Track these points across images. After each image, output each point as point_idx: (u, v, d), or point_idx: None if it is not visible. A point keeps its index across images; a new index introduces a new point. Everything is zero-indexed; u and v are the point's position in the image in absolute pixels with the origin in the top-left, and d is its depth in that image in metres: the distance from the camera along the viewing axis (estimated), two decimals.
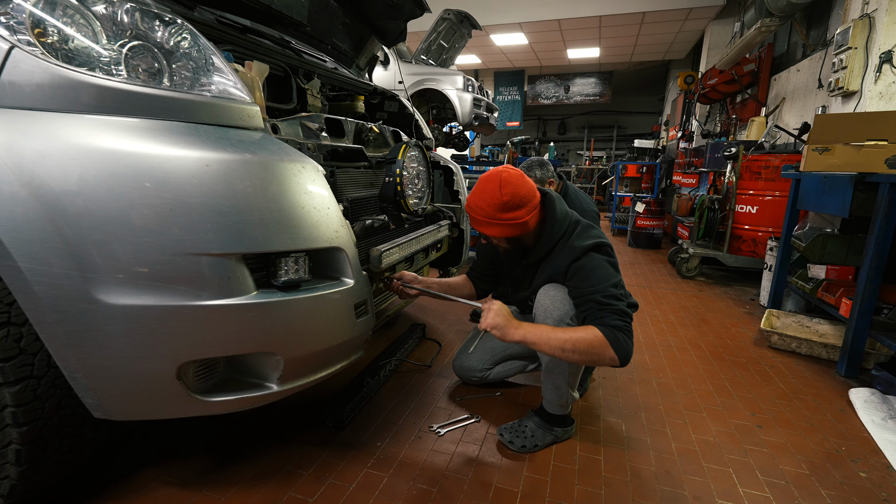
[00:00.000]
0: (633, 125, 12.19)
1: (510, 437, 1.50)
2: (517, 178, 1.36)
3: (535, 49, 8.73)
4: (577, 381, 1.50)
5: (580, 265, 1.36)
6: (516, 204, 1.34)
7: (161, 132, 0.95)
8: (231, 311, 0.97)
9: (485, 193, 1.35)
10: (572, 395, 1.50)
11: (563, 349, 1.24)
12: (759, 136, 4.20)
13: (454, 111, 5.14)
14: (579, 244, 1.37)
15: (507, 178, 1.34)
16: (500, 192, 1.33)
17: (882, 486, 1.38)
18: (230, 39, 1.37)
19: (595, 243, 1.37)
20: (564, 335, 1.25)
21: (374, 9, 2.29)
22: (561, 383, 1.46)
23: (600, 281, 1.32)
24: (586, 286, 1.33)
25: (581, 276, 1.35)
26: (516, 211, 1.34)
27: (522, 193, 1.35)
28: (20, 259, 0.86)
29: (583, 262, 1.36)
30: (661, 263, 4.51)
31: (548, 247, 1.44)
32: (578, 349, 1.23)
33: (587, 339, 1.23)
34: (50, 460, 1.06)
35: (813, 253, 2.46)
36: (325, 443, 1.50)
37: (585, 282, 1.33)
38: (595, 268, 1.34)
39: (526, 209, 1.36)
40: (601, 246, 1.38)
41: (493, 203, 1.34)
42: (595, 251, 1.37)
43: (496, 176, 1.36)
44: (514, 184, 1.34)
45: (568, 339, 1.23)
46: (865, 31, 2.97)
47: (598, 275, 1.33)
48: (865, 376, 2.08)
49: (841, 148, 2.22)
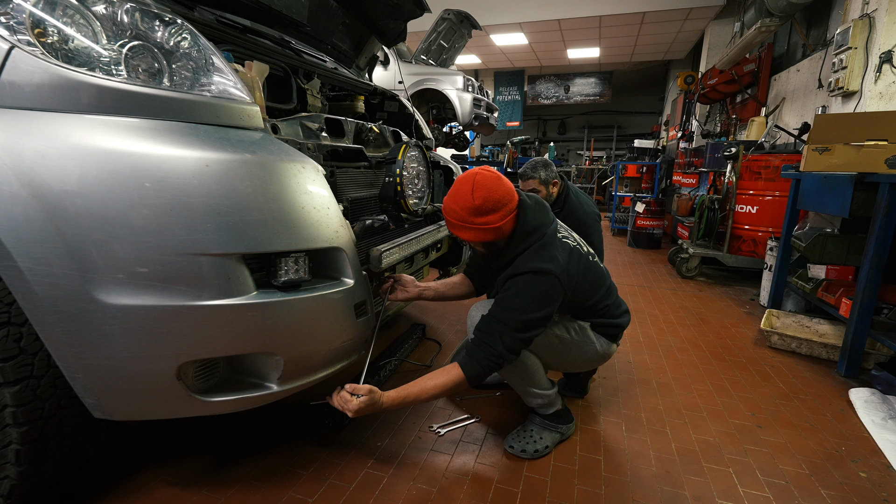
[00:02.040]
0: (633, 125, 12.18)
1: (521, 446, 1.47)
2: (492, 181, 1.30)
3: (535, 49, 8.73)
4: (542, 380, 1.48)
5: (511, 283, 1.31)
6: (489, 208, 1.28)
7: (161, 132, 0.95)
8: (231, 311, 0.97)
9: (458, 196, 1.30)
10: (545, 394, 1.49)
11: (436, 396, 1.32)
12: (759, 136, 4.20)
13: (454, 111, 5.14)
14: (524, 263, 1.30)
15: (480, 182, 1.29)
16: (472, 195, 1.28)
17: (882, 486, 1.38)
18: (230, 39, 1.37)
19: (534, 268, 1.28)
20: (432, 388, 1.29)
21: (374, 9, 2.30)
22: (525, 388, 1.48)
23: (511, 310, 1.27)
24: (497, 303, 1.31)
25: (503, 294, 1.31)
26: (489, 215, 1.29)
27: (496, 197, 1.29)
28: (20, 259, 0.86)
29: (515, 281, 1.30)
30: (661, 263, 4.51)
31: (509, 257, 1.38)
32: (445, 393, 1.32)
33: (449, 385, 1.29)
34: (50, 460, 1.06)
35: (813, 253, 2.46)
36: (325, 443, 1.50)
37: (501, 302, 1.30)
38: (519, 294, 1.28)
39: (500, 213, 1.30)
40: (540, 273, 1.28)
41: (465, 206, 1.29)
42: (533, 275, 1.28)
43: (470, 178, 1.30)
44: (488, 187, 1.28)
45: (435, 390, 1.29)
46: (865, 31, 2.97)
47: (515, 303, 1.27)
48: (865, 376, 2.08)
49: (841, 148, 2.22)
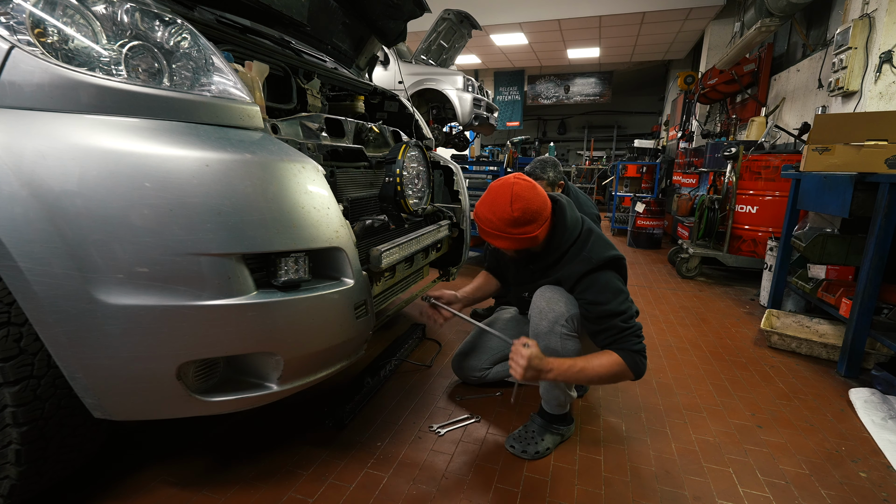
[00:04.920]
0: (633, 125, 12.18)
1: (522, 447, 1.47)
2: (529, 192, 1.30)
3: (535, 49, 8.73)
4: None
5: (594, 279, 1.33)
6: (528, 220, 1.29)
7: (161, 132, 0.95)
8: (231, 311, 0.97)
9: (495, 206, 1.30)
10: (570, 395, 1.50)
11: (590, 380, 1.32)
12: (759, 136, 4.20)
13: (454, 111, 5.14)
14: (595, 256, 1.34)
15: (518, 193, 1.29)
16: (510, 207, 1.28)
17: (882, 486, 1.38)
18: (230, 39, 1.37)
19: (611, 258, 1.34)
20: (591, 370, 1.28)
21: (374, 9, 2.29)
22: (561, 385, 1.46)
23: (614, 298, 1.31)
24: (602, 302, 1.31)
25: (595, 291, 1.32)
26: (527, 226, 1.30)
27: (534, 208, 1.30)
28: (20, 259, 0.86)
29: (596, 276, 1.33)
30: (661, 263, 4.51)
31: (557, 254, 1.41)
32: (604, 378, 1.31)
33: (612, 370, 1.28)
34: (50, 460, 1.06)
35: (813, 253, 2.46)
36: (325, 443, 1.50)
37: (601, 297, 1.31)
38: (608, 283, 1.32)
39: (537, 223, 1.31)
40: (616, 260, 1.36)
41: (503, 218, 1.29)
42: (609, 266, 1.35)
43: (507, 189, 1.30)
44: (526, 198, 1.29)
45: (595, 374, 1.28)
46: (865, 31, 2.96)
47: (611, 291, 1.32)
48: (865, 376, 2.08)
49: (841, 148, 2.22)
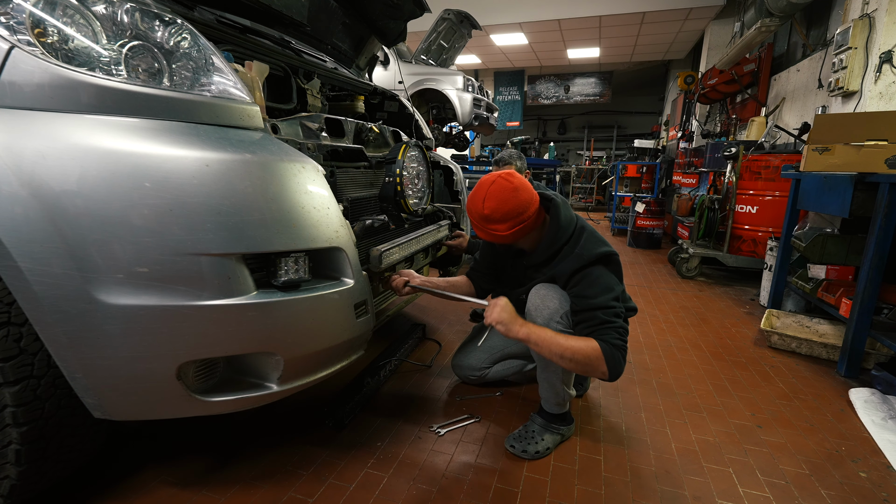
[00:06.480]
0: (633, 125, 12.17)
1: (522, 447, 1.47)
2: (505, 193, 1.33)
3: (535, 49, 8.73)
4: (572, 379, 1.51)
5: (585, 274, 1.35)
6: (497, 219, 1.34)
7: (161, 132, 0.95)
8: (231, 311, 0.97)
9: (474, 200, 1.38)
10: (569, 393, 1.50)
11: (562, 356, 1.28)
12: (759, 136, 4.20)
13: (454, 111, 5.13)
14: (587, 252, 1.36)
15: (493, 192, 1.34)
16: (482, 204, 1.34)
17: (882, 486, 1.38)
18: (230, 39, 1.37)
19: (603, 253, 1.36)
20: (566, 343, 1.27)
21: (374, 9, 2.30)
22: (556, 381, 1.47)
23: (603, 293, 1.32)
24: (589, 296, 1.32)
25: (585, 285, 1.34)
26: (497, 224, 1.35)
27: (506, 209, 1.33)
28: (20, 259, 0.86)
29: (588, 271, 1.35)
30: (661, 263, 4.51)
31: (550, 251, 1.43)
32: (576, 359, 1.27)
33: (585, 352, 1.26)
34: (50, 460, 1.06)
35: (813, 253, 2.46)
36: (325, 443, 1.50)
37: (588, 291, 1.33)
38: (599, 278, 1.34)
39: (509, 224, 1.35)
40: (608, 256, 1.37)
41: (476, 212, 1.37)
42: (601, 262, 1.37)
43: (485, 186, 1.36)
44: (499, 199, 1.33)
45: (568, 348, 1.27)
46: (865, 31, 2.96)
47: (602, 286, 1.33)
48: (865, 376, 2.08)
49: (841, 148, 2.22)
